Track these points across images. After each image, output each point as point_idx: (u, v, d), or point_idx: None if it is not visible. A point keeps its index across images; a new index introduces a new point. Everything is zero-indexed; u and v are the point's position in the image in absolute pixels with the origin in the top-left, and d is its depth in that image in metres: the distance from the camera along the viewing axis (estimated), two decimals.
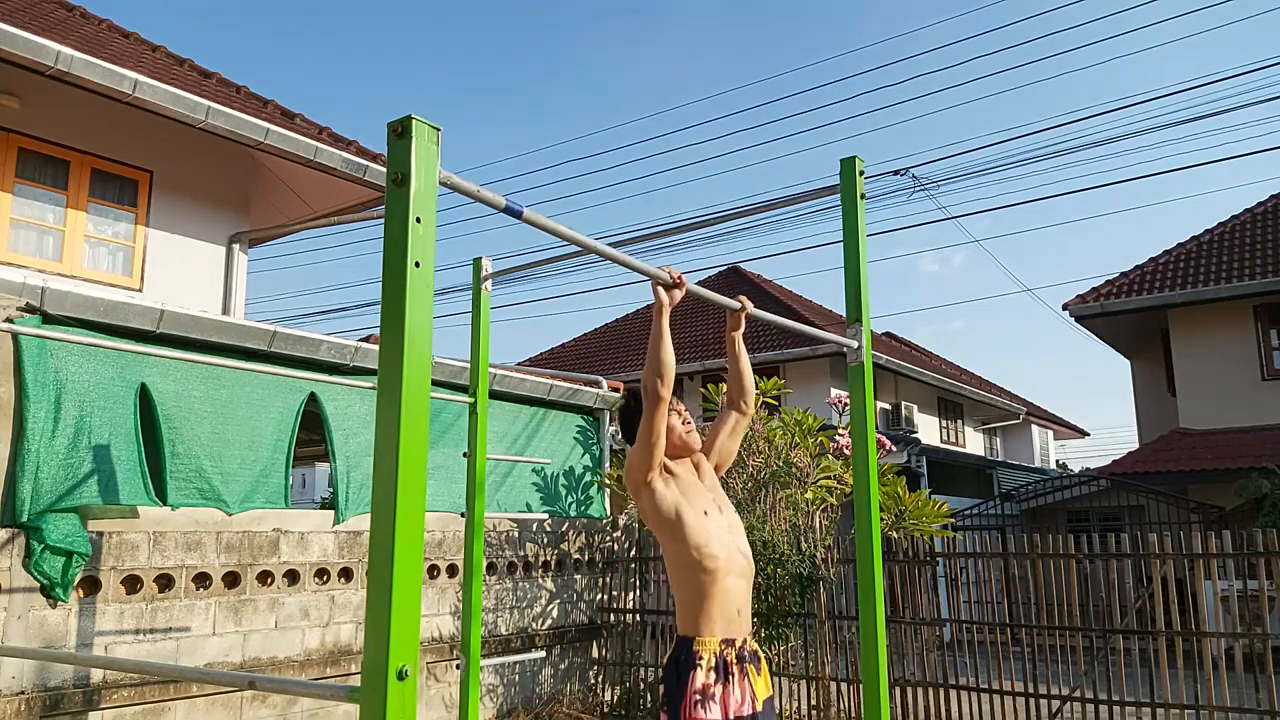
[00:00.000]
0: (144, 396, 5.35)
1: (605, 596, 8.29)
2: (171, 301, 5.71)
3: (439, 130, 1.87)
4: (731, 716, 2.98)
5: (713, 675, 2.98)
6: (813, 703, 7.11)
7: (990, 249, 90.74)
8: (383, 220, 1.86)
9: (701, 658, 2.99)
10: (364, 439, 6.44)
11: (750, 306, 3.43)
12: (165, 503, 5.32)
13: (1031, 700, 6.71)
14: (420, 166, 1.84)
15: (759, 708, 3.07)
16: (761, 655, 3.17)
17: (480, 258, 4.25)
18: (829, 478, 7.37)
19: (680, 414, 3.26)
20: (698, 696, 2.96)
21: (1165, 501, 13.39)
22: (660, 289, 3.00)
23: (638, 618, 8.12)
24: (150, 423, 5.37)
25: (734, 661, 3.02)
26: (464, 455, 4.29)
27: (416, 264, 1.81)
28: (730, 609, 3.04)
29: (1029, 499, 15.61)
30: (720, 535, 3.09)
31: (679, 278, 3.00)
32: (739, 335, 3.45)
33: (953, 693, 6.88)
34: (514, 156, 78.62)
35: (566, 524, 8.05)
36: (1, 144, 7.61)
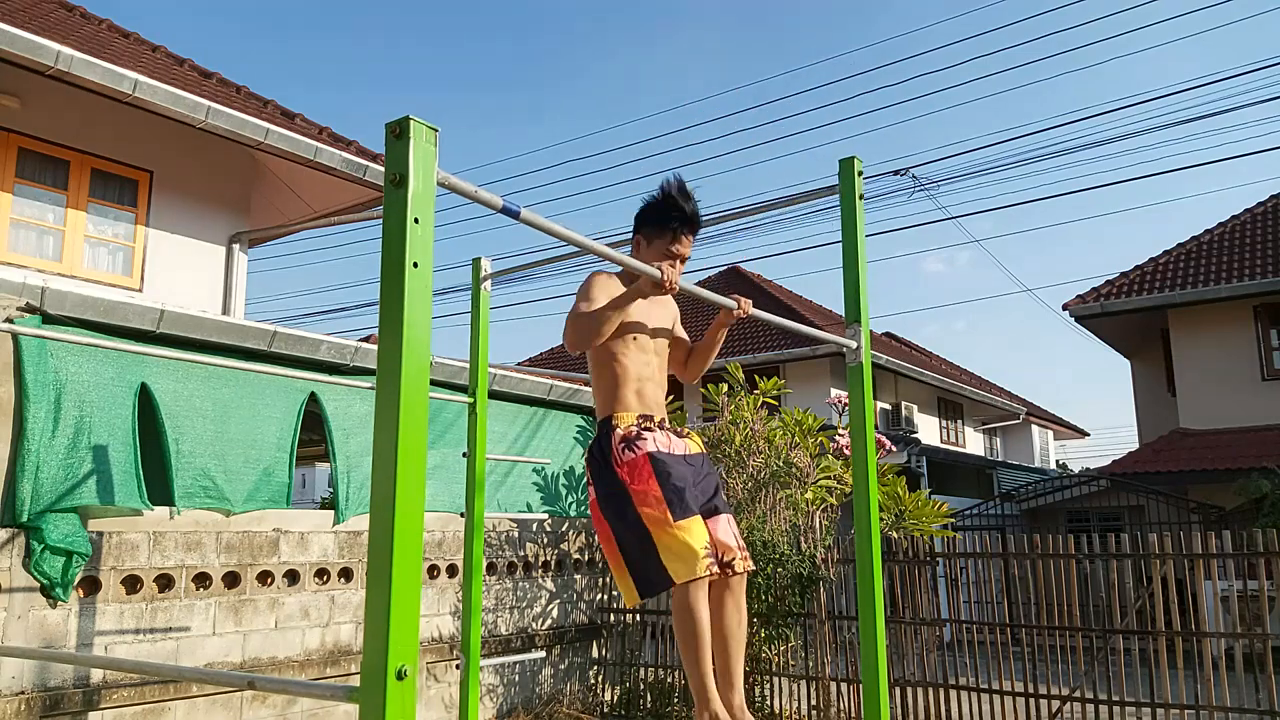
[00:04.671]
0: (145, 397, 5.35)
1: (605, 596, 8.29)
2: (171, 301, 5.71)
3: (437, 131, 1.87)
4: (660, 450, 2.96)
5: (633, 429, 3.00)
6: (813, 703, 7.11)
7: (990, 249, 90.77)
8: (382, 220, 1.86)
9: (620, 422, 3.01)
10: (364, 439, 6.44)
11: (749, 307, 3.34)
12: (173, 504, 5.32)
13: (1031, 700, 6.71)
14: (418, 167, 1.84)
15: (691, 451, 3.09)
16: (688, 429, 3.21)
17: (479, 258, 4.25)
18: (829, 478, 7.37)
19: (680, 254, 3.19)
20: (622, 445, 2.95)
21: (1165, 501, 13.39)
22: (649, 284, 2.91)
23: (638, 618, 8.12)
24: (151, 424, 5.37)
25: (654, 425, 3.05)
26: (463, 455, 4.29)
27: (415, 264, 1.81)
28: (649, 398, 3.09)
29: (1029, 499, 15.61)
30: (642, 347, 3.13)
31: (672, 284, 2.90)
32: (723, 332, 3.41)
33: (953, 693, 6.88)
34: (513, 157, 78.69)
35: (566, 524, 8.06)
36: (1, 144, 7.62)
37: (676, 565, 2.78)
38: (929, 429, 21.11)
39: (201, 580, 5.45)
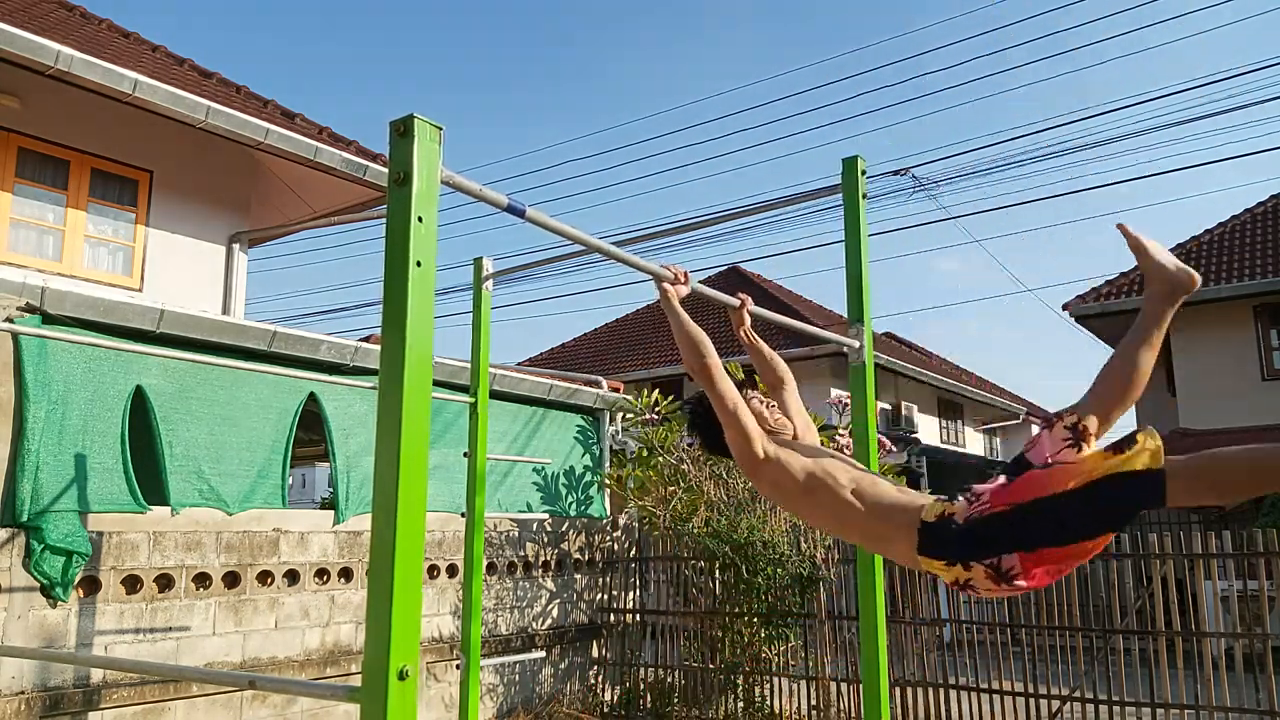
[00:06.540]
0: (143, 397, 5.35)
1: (605, 596, 8.29)
2: (171, 301, 5.70)
3: (441, 129, 1.87)
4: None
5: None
6: (813, 703, 7.11)
7: (990, 249, 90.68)
8: (383, 220, 1.86)
9: (932, 511, 2.35)
10: (363, 438, 6.43)
11: (750, 303, 3.35)
12: (168, 504, 5.32)
13: (1031, 700, 6.70)
14: (422, 165, 1.84)
15: None
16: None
17: (481, 258, 4.26)
18: None
19: (761, 399, 2.80)
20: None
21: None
22: (665, 285, 2.94)
23: (638, 618, 8.12)
24: (148, 424, 5.37)
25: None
26: (464, 455, 4.29)
27: (418, 263, 1.81)
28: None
29: None
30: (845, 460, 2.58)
31: (683, 275, 2.95)
32: (748, 329, 3.32)
33: (952, 693, 6.88)
34: (515, 156, 78.74)
35: (566, 524, 8.05)
36: (1, 144, 7.61)
37: None
38: (929, 429, 21.10)
39: (201, 580, 5.44)
